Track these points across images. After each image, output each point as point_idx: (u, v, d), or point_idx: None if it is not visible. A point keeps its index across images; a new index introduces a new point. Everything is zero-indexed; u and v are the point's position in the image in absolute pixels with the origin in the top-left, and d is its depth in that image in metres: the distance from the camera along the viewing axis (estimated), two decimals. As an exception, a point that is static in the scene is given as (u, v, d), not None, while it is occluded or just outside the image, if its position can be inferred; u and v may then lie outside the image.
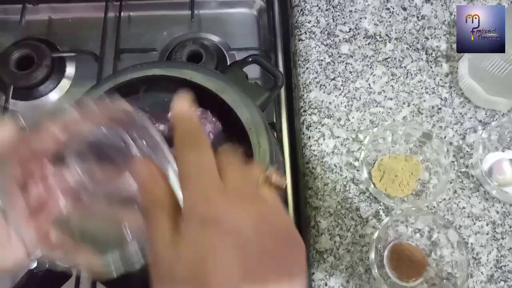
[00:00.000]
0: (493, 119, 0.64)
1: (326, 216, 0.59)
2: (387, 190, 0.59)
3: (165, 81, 0.52)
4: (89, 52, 0.73)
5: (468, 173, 0.61)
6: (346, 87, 0.66)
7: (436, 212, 0.59)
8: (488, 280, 0.56)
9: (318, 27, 0.70)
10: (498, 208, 0.59)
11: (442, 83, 0.67)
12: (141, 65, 0.51)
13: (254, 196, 0.28)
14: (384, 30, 0.70)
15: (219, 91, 0.50)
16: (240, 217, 0.26)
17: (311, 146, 0.63)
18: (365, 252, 0.57)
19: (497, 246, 0.58)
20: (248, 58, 0.57)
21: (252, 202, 0.27)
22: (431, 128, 0.63)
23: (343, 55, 0.68)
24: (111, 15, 0.77)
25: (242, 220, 0.26)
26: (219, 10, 0.80)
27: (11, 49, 0.71)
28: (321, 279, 0.56)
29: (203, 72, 0.51)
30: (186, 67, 0.51)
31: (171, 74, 0.51)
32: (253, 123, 0.48)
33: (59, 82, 0.73)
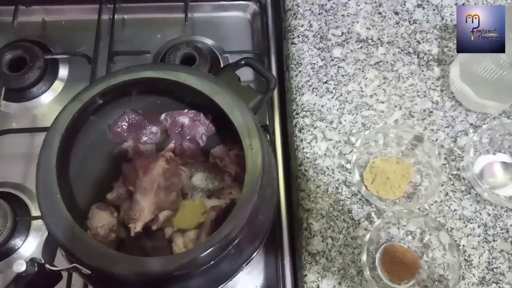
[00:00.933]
0: (484, 122, 0.65)
1: (318, 218, 0.59)
2: (379, 192, 0.59)
3: (158, 83, 0.52)
4: (82, 54, 0.73)
5: (460, 175, 0.61)
6: (338, 90, 0.66)
7: (428, 214, 0.59)
8: (479, 282, 0.56)
9: (311, 30, 0.71)
10: (489, 211, 0.60)
11: (433, 87, 0.67)
12: (133, 67, 0.51)
13: None
14: (376, 34, 0.71)
15: (211, 93, 0.50)
16: None
17: (303, 149, 0.63)
18: (357, 254, 0.57)
19: (489, 248, 0.58)
20: (240, 61, 0.57)
21: None
22: (423, 131, 0.64)
23: (335, 59, 0.69)
24: (105, 18, 0.77)
25: None
26: (213, 14, 0.80)
27: (3, 50, 0.71)
28: (313, 281, 0.56)
29: (196, 74, 0.51)
30: (179, 70, 0.51)
31: (164, 76, 0.51)
32: (245, 126, 0.48)
33: (52, 84, 0.73)
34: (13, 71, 0.70)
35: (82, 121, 0.51)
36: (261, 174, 0.45)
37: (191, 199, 0.53)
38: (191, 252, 0.42)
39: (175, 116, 0.56)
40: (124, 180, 0.53)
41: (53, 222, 0.43)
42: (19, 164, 0.67)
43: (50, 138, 0.46)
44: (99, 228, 0.49)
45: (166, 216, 0.50)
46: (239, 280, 0.62)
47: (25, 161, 0.67)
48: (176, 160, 0.54)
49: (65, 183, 0.49)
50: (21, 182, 0.66)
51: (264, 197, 0.48)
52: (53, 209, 0.43)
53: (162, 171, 0.52)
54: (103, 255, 0.42)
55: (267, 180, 0.48)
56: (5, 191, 0.65)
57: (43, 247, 0.46)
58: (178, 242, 0.49)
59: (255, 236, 0.51)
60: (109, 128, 0.55)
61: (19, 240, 0.62)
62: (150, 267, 0.41)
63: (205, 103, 0.51)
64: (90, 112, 0.52)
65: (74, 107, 0.48)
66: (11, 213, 0.61)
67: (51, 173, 0.44)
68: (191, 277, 0.48)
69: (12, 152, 0.68)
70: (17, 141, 0.68)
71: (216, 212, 0.50)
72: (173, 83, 0.51)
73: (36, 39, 0.75)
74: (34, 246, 0.63)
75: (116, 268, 0.42)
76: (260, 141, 0.47)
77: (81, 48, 0.75)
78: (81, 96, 0.49)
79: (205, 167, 0.55)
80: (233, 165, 0.54)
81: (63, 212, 0.43)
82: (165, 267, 0.41)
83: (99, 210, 0.51)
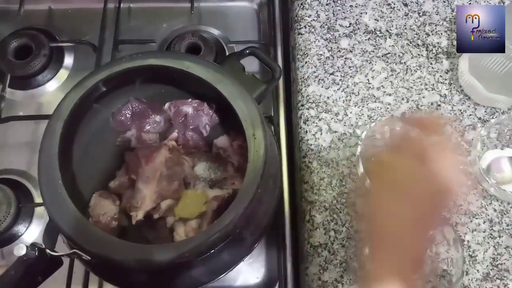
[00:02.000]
0: (492, 116, 0.64)
1: (321, 211, 0.58)
2: (383, 185, 0.58)
3: (162, 71, 0.51)
4: (87, 43, 0.72)
5: (466, 170, 0.61)
6: (344, 82, 0.66)
7: (433, 209, 0.58)
8: (484, 278, 0.56)
9: (318, 21, 0.70)
10: (495, 206, 0.59)
11: (442, 80, 0.66)
12: (137, 55, 0.51)
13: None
14: (384, 26, 0.70)
15: (215, 82, 0.49)
16: None
17: (308, 141, 0.62)
18: (360, 247, 0.57)
19: (494, 244, 0.57)
20: (245, 50, 0.56)
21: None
22: (430, 125, 0.63)
23: (342, 50, 0.68)
24: (111, 6, 0.76)
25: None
26: (219, 3, 0.79)
27: (9, 38, 0.71)
28: (315, 273, 0.56)
29: (200, 63, 0.50)
30: (183, 58, 0.51)
31: (167, 64, 0.50)
32: (248, 116, 0.47)
33: (57, 72, 0.73)
34: (19, 59, 0.70)
35: (85, 109, 0.51)
36: (263, 164, 0.45)
37: (193, 188, 0.52)
38: (192, 240, 0.42)
39: (178, 105, 0.56)
40: (126, 169, 0.53)
41: (54, 208, 0.43)
42: (23, 151, 0.67)
43: (52, 125, 0.46)
44: (101, 216, 0.49)
45: (168, 205, 0.50)
46: (240, 271, 0.62)
47: (29, 148, 0.67)
48: (179, 150, 0.54)
49: (67, 170, 0.49)
50: (25, 169, 0.66)
51: (266, 187, 0.48)
52: (55, 195, 0.43)
53: (165, 160, 0.52)
54: (103, 241, 0.42)
55: (270, 170, 0.48)
56: (9, 178, 0.65)
57: (44, 233, 0.46)
58: (180, 231, 0.49)
59: (256, 227, 0.50)
60: (113, 116, 0.55)
61: (22, 227, 0.63)
62: (150, 255, 0.41)
63: (209, 93, 0.51)
64: (94, 99, 0.52)
65: (77, 93, 0.48)
66: (15, 200, 0.62)
67: (53, 160, 0.44)
68: (192, 266, 0.48)
69: (16, 140, 0.68)
70: (22, 128, 0.68)
71: (218, 202, 0.50)
72: (176, 71, 0.50)
73: (42, 27, 0.75)
74: (37, 233, 0.63)
75: (116, 254, 0.42)
76: (263, 132, 0.46)
77: (86, 36, 0.75)
78: (84, 82, 0.48)
79: (208, 157, 0.55)
80: (236, 155, 0.54)
81: (65, 199, 0.43)
82: (165, 255, 0.41)
83: (102, 198, 0.51)
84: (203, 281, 0.51)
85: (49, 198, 0.43)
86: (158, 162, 0.51)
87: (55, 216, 0.43)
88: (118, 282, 0.52)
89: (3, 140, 0.67)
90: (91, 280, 0.59)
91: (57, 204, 0.43)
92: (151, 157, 0.52)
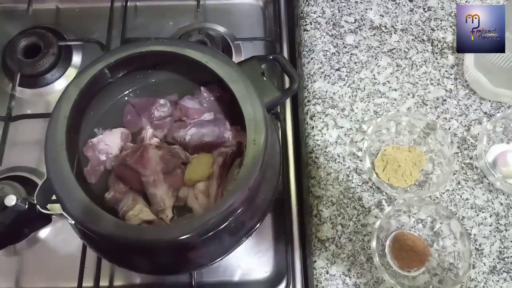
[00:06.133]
0: (498, 111, 0.64)
1: (328, 205, 0.59)
2: (390, 180, 0.59)
3: (179, 60, 0.52)
4: (95, 41, 0.73)
5: (472, 164, 0.61)
6: (350, 78, 0.66)
7: (439, 203, 0.59)
8: (490, 271, 0.56)
9: (324, 17, 0.70)
10: (502, 200, 0.59)
11: (447, 75, 0.66)
12: (162, 40, 0.52)
13: None
14: (389, 21, 0.70)
15: (230, 81, 0.49)
16: None
17: (314, 136, 0.63)
18: (367, 241, 0.57)
19: (500, 237, 0.57)
20: (269, 56, 0.56)
21: None
22: (436, 120, 0.63)
23: (348, 46, 0.68)
24: (118, 5, 0.77)
25: None
26: (225, 1, 0.80)
27: (18, 37, 0.72)
28: (323, 267, 0.56)
29: (219, 58, 0.50)
30: (204, 51, 0.51)
31: (189, 54, 0.50)
32: (254, 120, 0.47)
33: (65, 71, 0.73)
34: (28, 58, 0.71)
35: (100, 84, 0.54)
36: (258, 170, 0.45)
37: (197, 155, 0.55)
38: (194, 220, 0.43)
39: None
40: (116, 182, 0.54)
41: (53, 172, 0.44)
42: (33, 149, 0.68)
43: (69, 90, 0.51)
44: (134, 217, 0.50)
45: (184, 192, 0.53)
46: (249, 265, 0.63)
47: (39, 146, 0.68)
48: (163, 144, 0.55)
49: (74, 148, 0.52)
50: (35, 166, 0.67)
51: (264, 177, 0.49)
52: (58, 167, 0.45)
53: (159, 158, 0.53)
54: (110, 222, 0.43)
55: (267, 172, 0.49)
56: (19, 175, 0.66)
57: (38, 190, 0.46)
58: (191, 195, 0.52)
59: (255, 212, 0.52)
60: (121, 122, 0.57)
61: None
62: (156, 235, 0.43)
63: (220, 88, 0.52)
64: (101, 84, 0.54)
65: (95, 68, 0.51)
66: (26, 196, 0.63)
67: (60, 125, 0.48)
68: (192, 247, 0.49)
69: (26, 138, 0.69)
70: (31, 126, 0.69)
71: (223, 157, 0.52)
72: (194, 62, 0.50)
73: (50, 26, 0.76)
74: (47, 231, 0.64)
75: (125, 234, 0.43)
76: (265, 139, 0.46)
77: (94, 35, 0.75)
78: (97, 64, 0.51)
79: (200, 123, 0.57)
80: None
81: (66, 170, 0.45)
82: (171, 233, 0.43)
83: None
84: (203, 263, 0.52)
85: (50, 161, 0.45)
86: (154, 162, 0.52)
87: (55, 182, 0.44)
88: (119, 262, 0.53)
89: (13, 138, 0.68)
90: (103, 275, 0.60)
91: (58, 171, 0.44)
92: (146, 163, 0.52)
